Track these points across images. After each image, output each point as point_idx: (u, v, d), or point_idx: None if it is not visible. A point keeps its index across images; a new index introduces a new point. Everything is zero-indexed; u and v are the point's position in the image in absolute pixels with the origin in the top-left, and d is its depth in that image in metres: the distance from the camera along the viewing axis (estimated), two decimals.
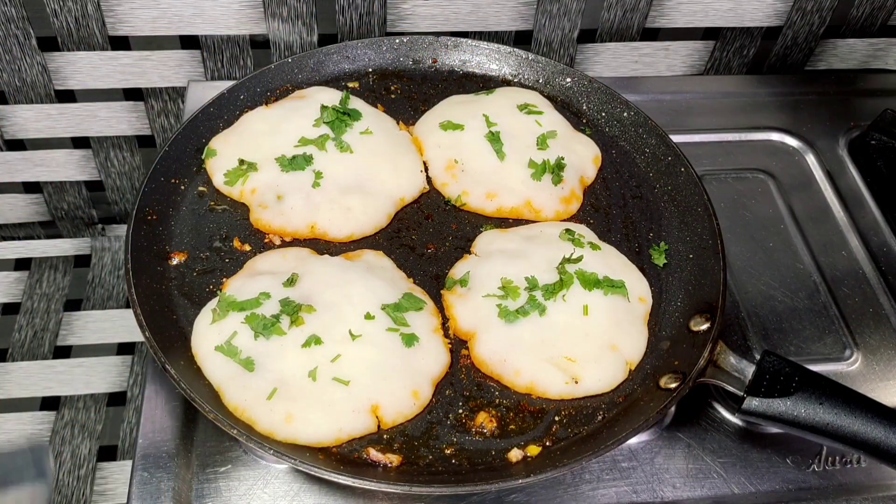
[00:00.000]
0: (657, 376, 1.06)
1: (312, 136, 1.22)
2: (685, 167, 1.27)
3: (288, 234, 1.17)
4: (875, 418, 0.95)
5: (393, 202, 1.21)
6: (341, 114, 1.25)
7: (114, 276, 1.65)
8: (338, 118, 1.24)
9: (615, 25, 1.53)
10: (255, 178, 1.19)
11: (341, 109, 1.25)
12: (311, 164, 1.19)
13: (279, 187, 1.18)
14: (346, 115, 1.25)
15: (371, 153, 1.23)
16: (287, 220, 1.16)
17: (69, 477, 1.41)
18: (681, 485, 1.05)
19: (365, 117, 1.27)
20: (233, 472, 1.01)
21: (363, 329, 1.03)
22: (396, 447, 0.98)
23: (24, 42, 1.40)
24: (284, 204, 1.16)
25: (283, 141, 1.22)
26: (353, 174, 1.20)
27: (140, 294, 1.04)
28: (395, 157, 1.24)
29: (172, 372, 0.96)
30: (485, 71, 1.43)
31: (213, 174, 1.21)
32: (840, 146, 1.49)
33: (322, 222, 1.16)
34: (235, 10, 1.41)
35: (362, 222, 1.18)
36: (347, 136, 1.23)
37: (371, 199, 1.19)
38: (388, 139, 1.26)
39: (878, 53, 1.67)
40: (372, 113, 1.30)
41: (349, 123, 1.25)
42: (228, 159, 1.21)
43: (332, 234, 1.17)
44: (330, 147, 1.22)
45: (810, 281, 1.29)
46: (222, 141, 1.24)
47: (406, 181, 1.23)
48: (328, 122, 1.23)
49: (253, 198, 1.18)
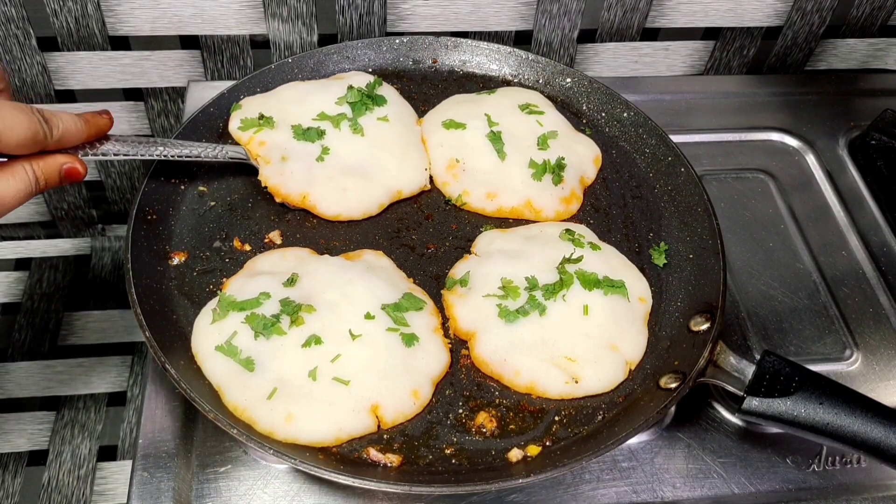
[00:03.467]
0: (657, 376, 1.06)
1: (332, 112, 1.26)
2: (685, 167, 1.27)
3: (280, 196, 1.19)
4: (875, 418, 0.95)
5: (389, 193, 1.22)
6: (366, 96, 1.27)
7: (114, 276, 1.65)
8: (361, 100, 1.27)
9: (615, 25, 1.53)
10: (268, 134, 1.22)
11: (367, 92, 1.28)
12: (322, 139, 1.22)
13: (286, 150, 1.21)
14: (370, 99, 1.28)
15: (381, 140, 1.25)
16: (283, 181, 1.18)
17: (69, 477, 1.41)
18: (681, 485, 1.05)
19: (389, 105, 1.29)
20: (233, 472, 1.01)
21: (363, 329, 1.03)
22: (396, 447, 0.98)
23: (24, 42, 1.40)
24: (286, 166, 1.19)
25: (305, 111, 1.26)
26: (358, 157, 1.23)
27: (140, 294, 1.04)
28: (403, 150, 1.25)
29: (172, 372, 0.96)
30: (485, 71, 1.44)
31: (231, 121, 1.25)
32: (840, 146, 1.49)
33: (315, 195, 1.19)
34: (235, 10, 1.41)
35: (353, 205, 1.20)
36: (364, 120, 1.26)
37: (368, 185, 1.21)
38: (402, 131, 1.28)
39: (878, 53, 1.67)
40: (397, 102, 1.32)
41: (370, 107, 1.27)
42: (250, 112, 1.25)
43: (320, 209, 1.19)
44: (344, 127, 1.24)
45: (810, 281, 1.29)
46: (253, 100, 1.29)
47: (407, 175, 1.24)
48: (351, 102, 1.26)
49: (259, 150, 1.21)
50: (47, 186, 1.00)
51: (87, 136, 1.05)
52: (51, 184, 1.00)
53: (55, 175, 1.01)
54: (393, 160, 1.24)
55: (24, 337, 1.56)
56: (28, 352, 1.54)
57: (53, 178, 1.01)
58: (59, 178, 1.01)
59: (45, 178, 0.99)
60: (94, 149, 1.08)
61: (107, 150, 1.09)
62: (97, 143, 1.08)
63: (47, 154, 1.00)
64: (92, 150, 1.07)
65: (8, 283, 1.63)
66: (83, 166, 1.03)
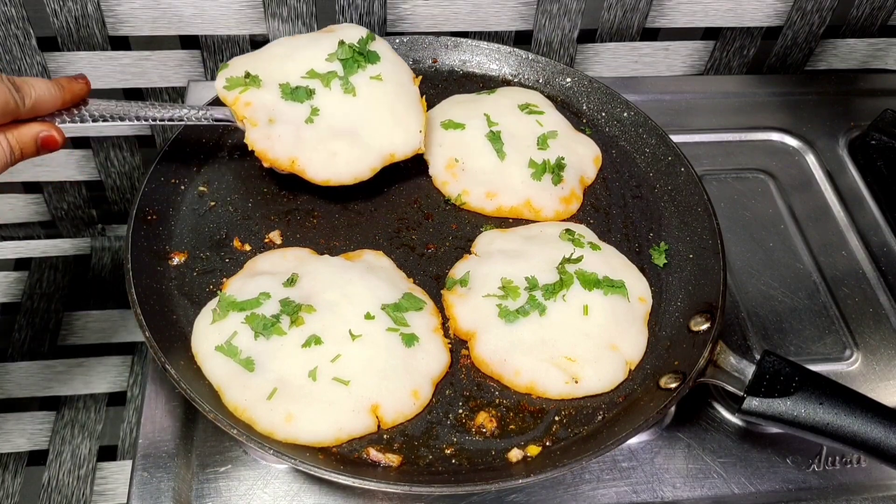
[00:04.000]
0: (657, 376, 1.06)
1: (322, 70, 1.19)
2: (685, 167, 1.27)
3: (267, 160, 1.15)
4: (875, 418, 0.95)
5: (381, 157, 1.18)
6: (357, 53, 1.20)
7: (114, 276, 1.65)
8: (353, 57, 1.19)
9: (615, 25, 1.53)
10: (255, 93, 1.16)
11: (358, 49, 1.20)
12: (311, 99, 1.17)
13: (273, 111, 1.15)
14: (362, 56, 1.20)
15: (374, 101, 1.19)
16: (271, 145, 1.14)
17: (69, 477, 1.41)
18: (681, 485, 1.05)
19: (382, 63, 1.21)
20: (233, 472, 1.01)
21: (363, 329, 1.02)
22: (396, 447, 0.98)
23: (24, 42, 1.40)
24: (273, 129, 1.14)
25: (294, 68, 1.19)
26: (350, 118, 1.17)
27: (140, 294, 1.04)
28: (397, 110, 1.19)
29: (172, 372, 0.96)
30: (485, 71, 1.44)
31: (217, 80, 1.19)
32: (840, 146, 1.49)
33: (303, 159, 1.15)
34: (235, 10, 1.41)
35: (342, 171, 1.16)
36: (356, 78, 1.19)
37: (359, 149, 1.16)
38: (397, 90, 1.21)
39: (878, 53, 1.67)
40: (391, 60, 1.24)
41: (363, 65, 1.20)
42: (237, 71, 1.19)
43: (309, 174, 1.15)
44: (335, 85, 1.18)
45: (810, 281, 1.29)
46: (240, 59, 1.22)
47: (401, 138, 1.19)
48: (342, 59, 1.19)
49: (245, 111, 1.15)
50: (23, 157, 0.97)
51: (63, 102, 1.02)
52: (27, 154, 0.98)
53: (31, 145, 0.98)
54: (385, 121, 1.18)
55: (24, 337, 1.56)
56: (28, 352, 1.54)
57: (30, 147, 0.98)
58: (35, 147, 0.98)
59: (20, 148, 0.96)
60: (71, 115, 1.04)
61: (84, 115, 1.05)
62: (74, 110, 1.05)
63: (21, 123, 0.97)
64: (70, 117, 1.04)
65: (8, 283, 1.63)
66: (60, 134, 1.00)
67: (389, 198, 1.25)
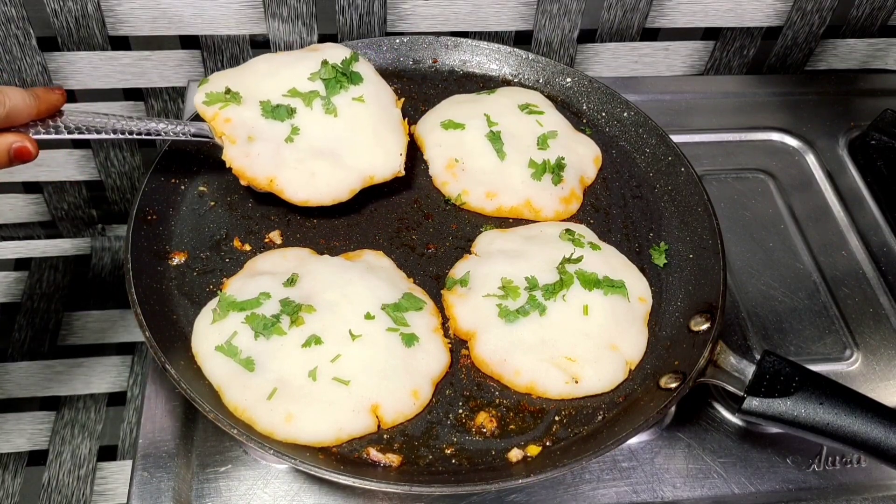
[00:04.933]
0: (657, 376, 1.06)
1: (304, 89, 1.18)
2: (685, 167, 1.27)
3: (245, 179, 1.14)
4: (875, 418, 0.95)
5: (361, 178, 1.17)
6: (340, 73, 1.19)
7: (114, 276, 1.65)
8: (335, 77, 1.18)
9: (615, 25, 1.53)
10: (235, 110, 1.15)
11: (341, 69, 1.19)
12: (292, 118, 1.16)
13: (253, 129, 1.14)
14: (345, 77, 1.19)
15: (355, 122, 1.18)
16: (249, 164, 1.13)
17: (69, 477, 1.41)
18: (681, 485, 1.05)
19: (365, 84, 1.21)
20: (233, 472, 1.01)
21: (363, 329, 1.02)
22: (396, 447, 0.98)
23: (24, 42, 1.40)
24: (252, 147, 1.13)
25: (275, 86, 1.18)
26: (330, 139, 1.17)
27: (140, 294, 1.04)
28: (378, 132, 1.19)
29: (172, 372, 0.96)
30: (485, 71, 1.43)
31: (197, 94, 1.17)
32: (840, 146, 1.49)
33: (281, 179, 1.14)
34: (235, 10, 1.41)
35: (321, 191, 1.15)
36: (338, 99, 1.18)
37: (339, 170, 1.16)
38: (378, 113, 1.21)
39: (878, 53, 1.67)
40: (374, 81, 1.23)
41: (345, 86, 1.19)
42: (217, 86, 1.17)
43: (287, 194, 1.14)
44: (316, 105, 1.17)
45: (810, 281, 1.29)
46: (221, 74, 1.20)
47: (381, 160, 1.18)
48: (324, 78, 1.18)
49: (224, 127, 1.14)
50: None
51: (38, 112, 1.01)
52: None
53: (3, 155, 0.97)
54: (366, 143, 1.18)
55: (24, 337, 1.56)
56: (28, 352, 1.54)
57: (1, 158, 0.97)
58: (7, 158, 0.97)
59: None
60: (46, 126, 1.03)
61: (60, 127, 1.04)
62: (49, 121, 1.03)
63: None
64: (45, 128, 1.03)
65: (8, 283, 1.63)
66: (34, 145, 0.98)
67: (389, 198, 1.25)
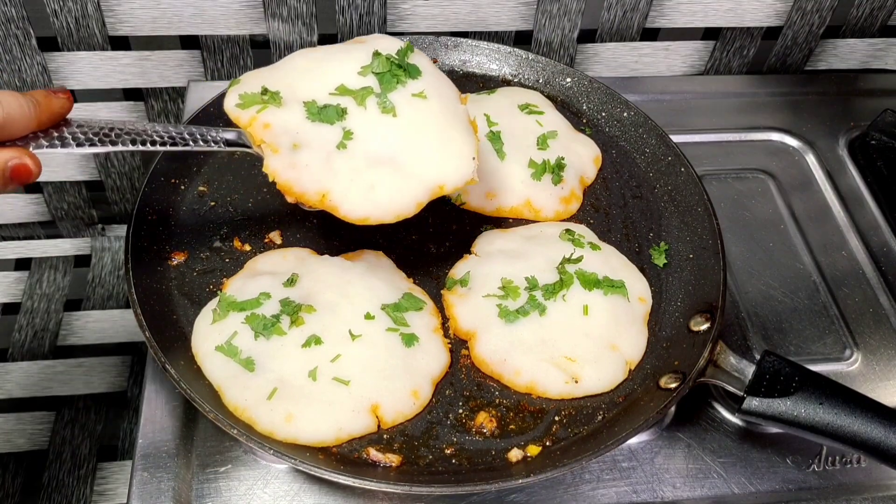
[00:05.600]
0: (657, 376, 1.06)
1: (354, 85, 1.01)
2: (685, 167, 1.27)
3: (293, 194, 0.98)
4: (875, 418, 0.95)
5: (428, 189, 1.00)
6: (396, 66, 1.02)
7: (114, 276, 1.65)
8: (390, 71, 1.02)
9: (615, 25, 1.53)
10: (274, 112, 0.99)
11: (397, 61, 1.02)
12: (343, 120, 0.99)
13: (298, 135, 0.98)
14: (402, 70, 1.02)
15: (418, 122, 1.01)
16: (297, 176, 0.97)
17: (69, 477, 1.41)
18: (681, 485, 1.05)
19: (424, 77, 1.04)
20: (233, 472, 1.01)
21: (363, 329, 1.02)
22: (396, 447, 0.98)
23: (24, 42, 1.39)
24: (298, 156, 0.97)
25: (320, 83, 1.01)
26: (390, 143, 0.99)
27: (140, 294, 1.04)
28: (445, 134, 1.01)
29: (172, 372, 0.96)
30: (485, 71, 1.43)
31: (228, 96, 1.01)
32: (840, 146, 1.49)
33: (336, 193, 0.97)
34: (235, 9, 1.41)
35: (383, 206, 0.98)
36: (395, 96, 1.01)
37: (402, 179, 0.99)
38: (443, 110, 1.03)
39: (878, 53, 1.67)
40: (433, 74, 1.06)
41: (402, 80, 1.02)
42: (251, 87, 1.01)
43: (343, 211, 0.98)
44: (370, 104, 1.00)
45: (810, 281, 1.29)
46: (255, 73, 1.04)
47: (451, 166, 1.01)
48: (378, 72, 1.01)
49: (264, 133, 0.98)
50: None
51: (39, 122, 0.85)
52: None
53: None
54: (433, 146, 1.00)
55: (24, 337, 1.56)
56: (28, 352, 1.54)
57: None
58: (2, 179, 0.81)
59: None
60: (49, 138, 0.86)
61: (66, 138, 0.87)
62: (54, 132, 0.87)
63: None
64: (48, 140, 0.86)
65: (8, 283, 1.63)
66: (34, 162, 0.82)
67: None
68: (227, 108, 1.00)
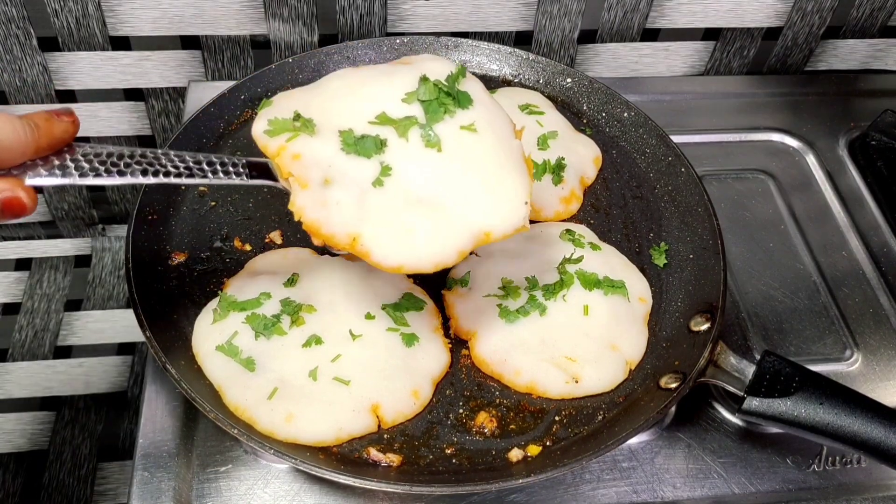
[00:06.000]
0: (657, 376, 1.06)
1: (397, 114, 0.90)
2: (685, 167, 1.27)
3: (320, 236, 0.87)
4: (875, 418, 0.95)
5: (472, 236, 0.89)
6: (444, 93, 0.91)
7: (114, 276, 1.65)
8: (438, 98, 0.91)
9: (615, 26, 1.53)
10: (306, 142, 0.89)
11: (446, 88, 0.92)
12: (381, 154, 0.88)
13: (331, 169, 0.88)
14: (451, 98, 0.91)
15: (466, 158, 0.90)
16: (326, 215, 0.87)
17: (70, 477, 1.41)
18: (681, 485, 1.05)
19: (475, 107, 0.93)
20: (233, 472, 1.01)
21: (363, 329, 1.02)
22: (397, 447, 0.98)
23: (24, 42, 1.40)
24: (329, 193, 0.87)
25: (359, 110, 0.91)
26: (432, 182, 0.89)
27: (141, 294, 1.04)
28: (496, 173, 0.90)
29: (173, 372, 0.96)
30: (485, 71, 1.43)
31: (257, 121, 0.92)
32: (840, 147, 1.49)
33: (368, 237, 0.86)
34: (236, 10, 1.41)
35: (420, 254, 0.87)
36: (442, 127, 0.90)
37: (444, 223, 0.88)
38: (495, 145, 0.92)
39: (879, 54, 1.67)
40: (487, 104, 0.95)
41: (451, 110, 0.91)
42: (283, 111, 0.91)
43: (375, 257, 0.86)
44: (413, 136, 0.90)
45: (810, 281, 1.29)
46: (288, 94, 0.95)
47: (501, 211, 0.89)
48: (424, 100, 0.90)
49: (293, 165, 0.88)
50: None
51: (37, 148, 0.74)
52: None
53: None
54: (480, 187, 0.89)
55: (25, 337, 1.56)
56: (28, 352, 1.54)
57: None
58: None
59: None
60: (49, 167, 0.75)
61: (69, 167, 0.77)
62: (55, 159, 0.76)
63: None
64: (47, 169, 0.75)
65: (8, 283, 1.63)
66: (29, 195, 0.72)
67: None
68: (254, 133, 0.91)
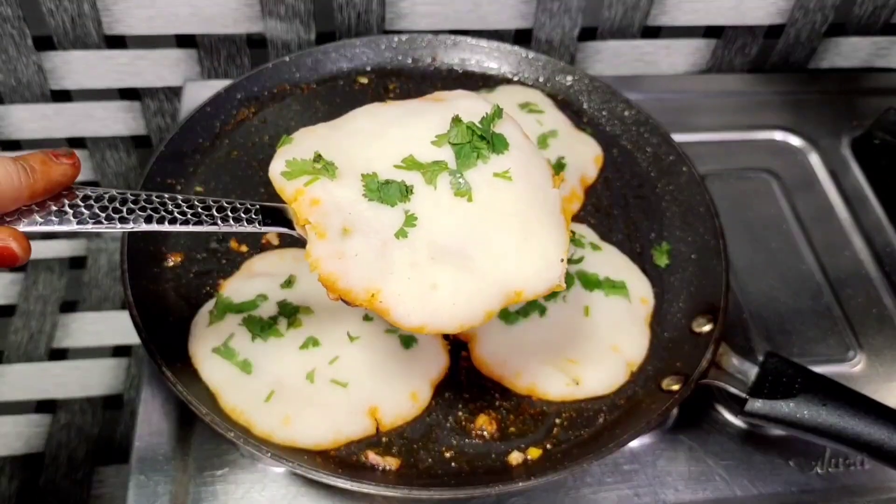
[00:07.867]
0: (659, 378, 1.06)
1: (425, 158, 0.84)
2: (687, 166, 1.26)
3: (336, 291, 0.79)
4: (878, 420, 0.94)
5: (502, 294, 0.82)
6: (479, 137, 0.84)
7: (110, 277, 1.64)
8: (471, 143, 0.84)
9: (616, 23, 1.52)
10: (326, 186, 0.82)
11: (480, 131, 0.85)
12: (407, 202, 0.82)
13: (351, 217, 0.81)
14: (485, 142, 0.84)
15: (498, 209, 0.83)
16: (344, 268, 0.79)
17: (66, 480, 1.40)
18: (683, 487, 1.04)
19: (511, 152, 0.85)
20: (230, 476, 1.00)
21: (361, 331, 1.02)
22: (395, 450, 0.98)
23: (19, 41, 1.39)
24: (348, 243, 0.80)
25: (385, 152, 0.84)
26: (460, 235, 0.82)
27: (136, 296, 1.03)
28: (531, 227, 0.83)
29: (169, 374, 0.95)
30: (484, 69, 1.43)
31: (275, 161, 0.85)
32: (843, 145, 1.48)
33: (389, 293, 0.79)
34: (232, 8, 1.40)
35: (445, 312, 0.80)
36: (473, 174, 0.83)
37: (471, 280, 0.81)
38: (530, 196, 0.84)
39: (882, 52, 1.66)
40: (524, 148, 0.87)
41: (484, 156, 0.84)
42: (304, 150, 0.84)
43: (395, 315, 0.79)
44: (442, 183, 0.83)
45: (813, 281, 1.28)
46: (310, 130, 0.88)
47: (534, 268, 0.82)
48: (455, 143, 0.84)
49: (310, 211, 0.81)
50: None
51: (33, 193, 0.69)
52: None
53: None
54: (512, 241, 0.82)
55: (20, 339, 1.55)
56: (24, 354, 1.54)
57: None
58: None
59: None
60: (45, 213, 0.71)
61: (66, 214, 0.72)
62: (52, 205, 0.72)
63: None
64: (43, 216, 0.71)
65: (3, 284, 1.62)
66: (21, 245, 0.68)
67: None
68: (271, 175, 0.84)
